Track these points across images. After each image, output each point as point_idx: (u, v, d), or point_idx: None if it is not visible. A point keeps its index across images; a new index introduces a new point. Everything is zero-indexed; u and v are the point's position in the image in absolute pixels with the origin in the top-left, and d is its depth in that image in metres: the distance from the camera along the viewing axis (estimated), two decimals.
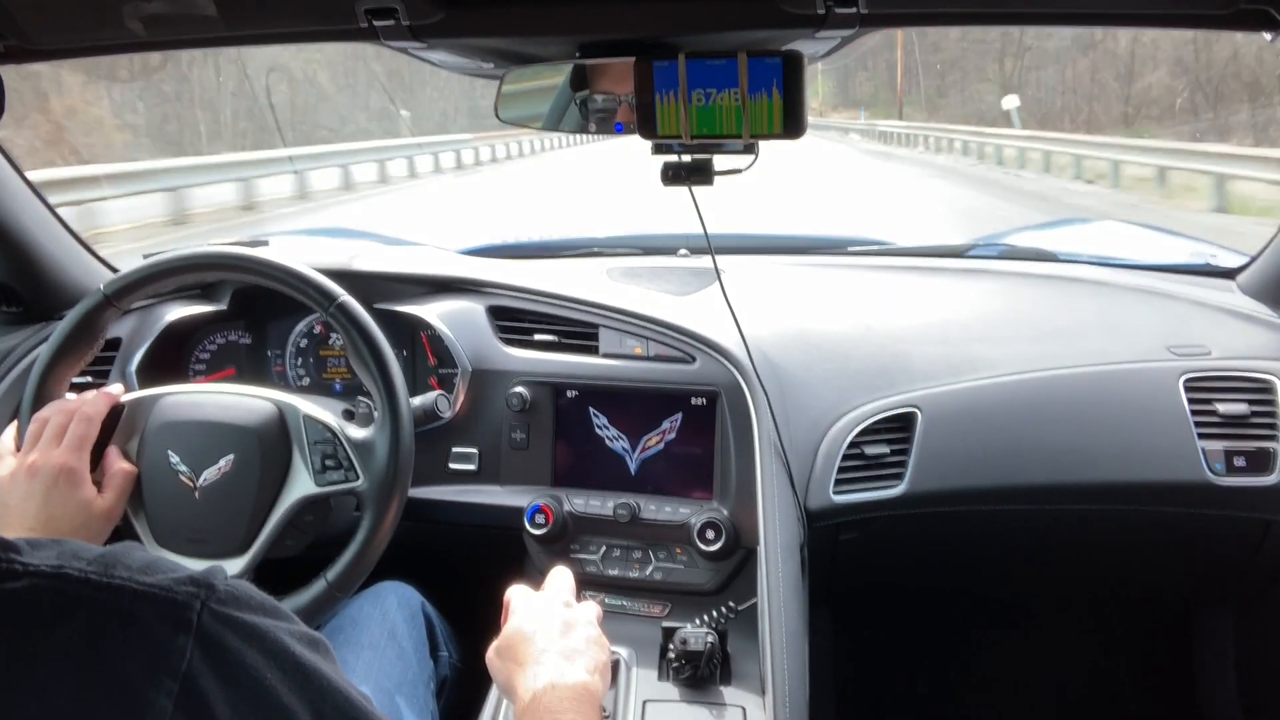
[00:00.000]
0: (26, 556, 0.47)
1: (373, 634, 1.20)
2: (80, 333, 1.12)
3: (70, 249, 1.51)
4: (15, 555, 0.47)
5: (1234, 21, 0.88)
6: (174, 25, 0.97)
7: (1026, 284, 1.67)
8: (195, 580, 0.50)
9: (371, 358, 1.10)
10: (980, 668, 1.85)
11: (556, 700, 0.79)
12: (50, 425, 1.03)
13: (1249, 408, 1.32)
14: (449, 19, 0.90)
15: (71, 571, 0.47)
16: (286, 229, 6.95)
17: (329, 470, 1.09)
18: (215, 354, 1.51)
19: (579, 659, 0.85)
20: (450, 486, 1.37)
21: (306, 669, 0.51)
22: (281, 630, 0.51)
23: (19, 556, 0.47)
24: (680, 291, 1.49)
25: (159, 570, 0.49)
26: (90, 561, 0.48)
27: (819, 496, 1.29)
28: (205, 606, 0.49)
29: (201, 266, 1.16)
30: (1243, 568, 1.45)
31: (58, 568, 0.47)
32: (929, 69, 27.74)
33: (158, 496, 1.07)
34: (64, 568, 0.47)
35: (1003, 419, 1.35)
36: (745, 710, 1.03)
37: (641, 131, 0.96)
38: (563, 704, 0.79)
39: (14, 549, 0.47)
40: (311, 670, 0.51)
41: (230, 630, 0.49)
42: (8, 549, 0.47)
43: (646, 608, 1.27)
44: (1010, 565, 1.58)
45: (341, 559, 1.07)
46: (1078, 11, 1.00)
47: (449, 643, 1.35)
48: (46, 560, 0.47)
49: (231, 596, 0.50)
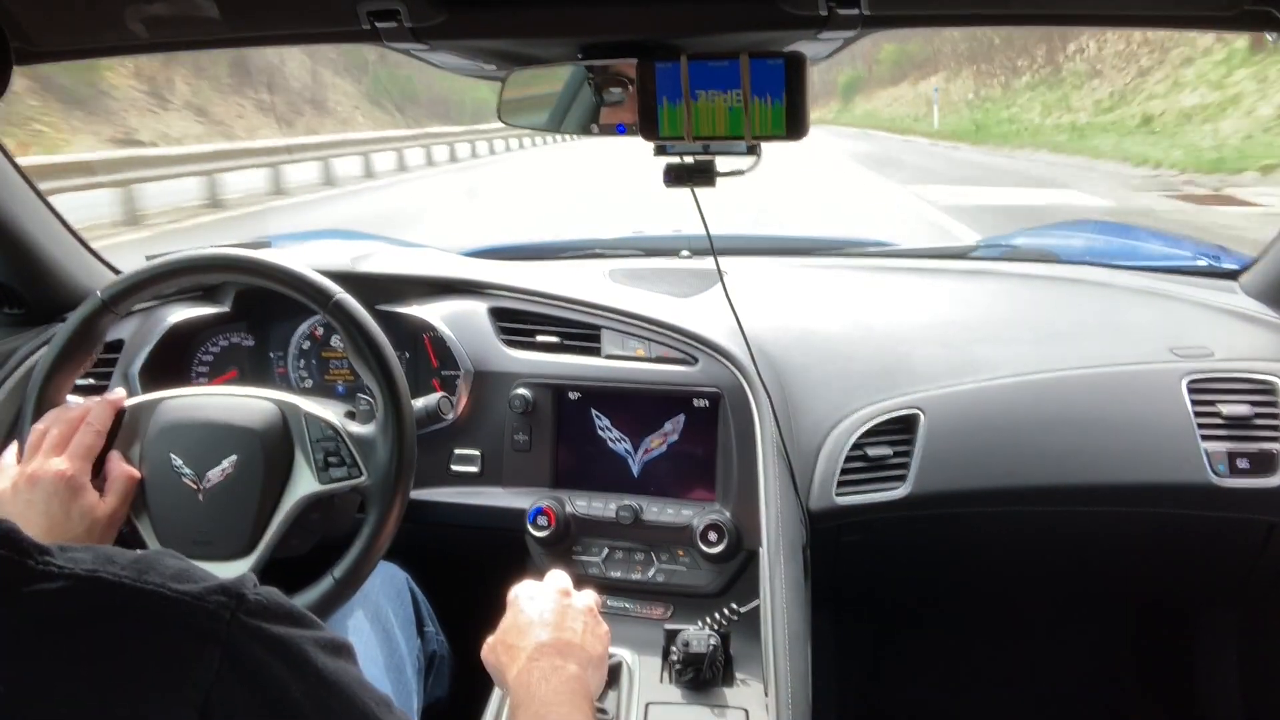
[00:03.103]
0: (61, 560, 0.48)
1: (358, 618, 1.21)
2: (79, 339, 1.12)
3: (72, 250, 1.51)
4: (50, 558, 0.47)
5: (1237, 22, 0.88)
6: (176, 27, 0.97)
7: (1029, 285, 1.67)
8: (226, 590, 0.50)
9: (371, 353, 1.10)
10: (983, 670, 1.84)
11: (551, 693, 0.79)
12: (50, 435, 1.03)
13: (1252, 409, 1.32)
14: (451, 21, 0.90)
15: (106, 576, 0.48)
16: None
17: (332, 468, 1.09)
18: (218, 356, 1.51)
19: (573, 651, 0.85)
20: (452, 488, 1.37)
21: (330, 681, 0.51)
22: (307, 640, 0.52)
23: (54, 559, 0.47)
24: (682, 293, 1.49)
25: (191, 578, 0.50)
26: (124, 566, 0.49)
27: (821, 498, 1.29)
28: (234, 616, 0.49)
29: (199, 269, 1.16)
30: (1246, 570, 1.44)
31: (93, 571, 0.47)
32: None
33: (161, 500, 1.07)
34: (99, 571, 0.48)
35: (1005, 421, 1.35)
36: (748, 712, 1.03)
37: (644, 133, 0.96)
38: (557, 696, 0.79)
39: (48, 552, 0.48)
40: (334, 682, 0.52)
41: (257, 642, 0.49)
42: (43, 552, 0.47)
43: (649, 610, 1.27)
44: (1013, 567, 1.58)
45: (348, 555, 1.07)
46: (1079, 12, 1.00)
47: (434, 619, 1.36)
48: (82, 564, 0.48)
49: (260, 607, 0.51)
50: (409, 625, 1.30)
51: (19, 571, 0.46)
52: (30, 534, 0.47)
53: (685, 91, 0.93)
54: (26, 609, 0.46)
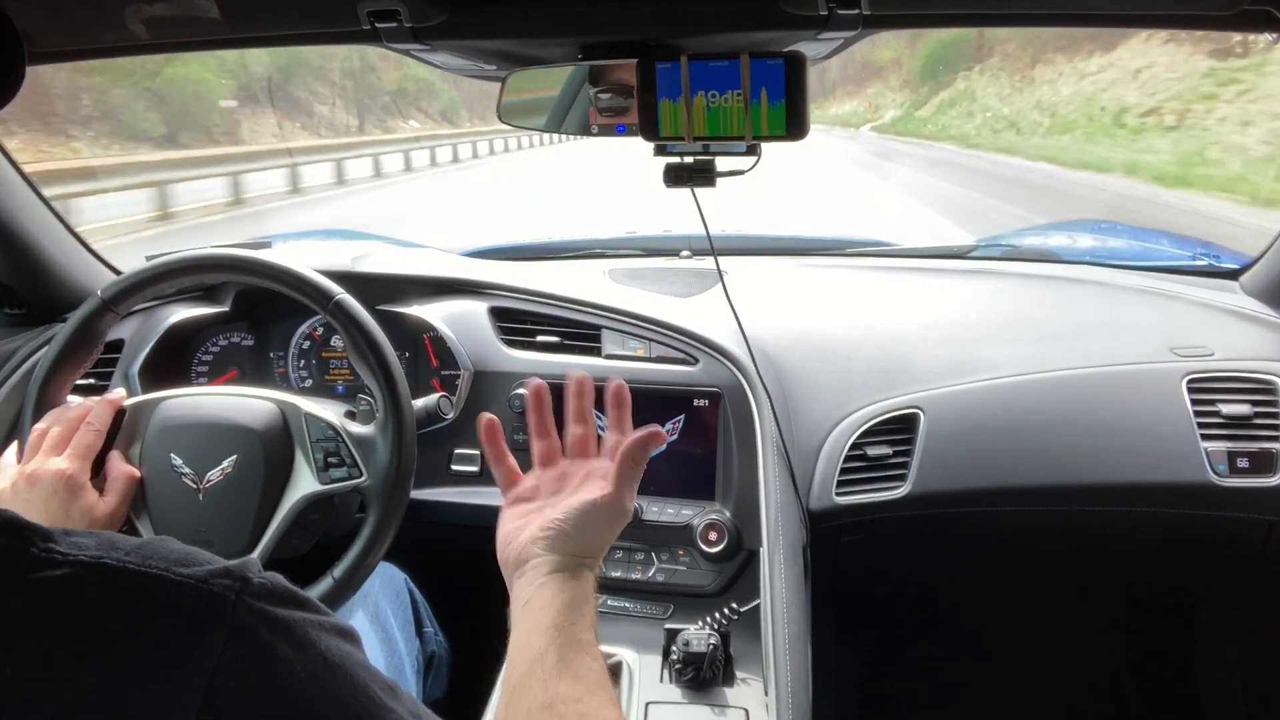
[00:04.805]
0: (65, 546, 0.47)
1: (357, 618, 1.21)
2: (79, 339, 1.12)
3: (72, 250, 1.51)
4: (53, 545, 0.47)
5: (1236, 22, 0.88)
6: (177, 27, 0.97)
7: (1029, 285, 1.67)
8: (230, 573, 0.50)
9: (371, 352, 1.10)
10: (983, 669, 1.84)
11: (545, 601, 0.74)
12: (50, 435, 1.03)
13: (1252, 409, 1.32)
14: (451, 21, 0.90)
15: (110, 561, 0.48)
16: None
17: (332, 468, 1.09)
18: (218, 356, 1.51)
19: (569, 540, 0.79)
20: (452, 488, 1.37)
21: (334, 664, 0.51)
22: (312, 624, 0.52)
23: (57, 546, 0.47)
24: (683, 293, 1.49)
25: (195, 561, 0.50)
26: (128, 552, 0.48)
27: (822, 498, 1.29)
28: (239, 599, 0.49)
29: (198, 268, 1.16)
30: (1246, 569, 1.44)
31: (97, 557, 0.47)
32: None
33: (161, 499, 1.07)
34: (103, 557, 0.48)
35: (1005, 420, 1.35)
36: (748, 712, 1.03)
37: (644, 133, 0.96)
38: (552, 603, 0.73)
39: (51, 538, 0.48)
40: (339, 665, 0.51)
41: (262, 624, 0.49)
42: (46, 539, 0.47)
43: (649, 609, 1.27)
44: (1013, 567, 1.58)
45: (348, 555, 1.07)
46: (1079, 12, 1.00)
47: (434, 619, 1.36)
48: (86, 550, 0.48)
49: (265, 590, 0.51)
50: (408, 625, 1.30)
51: (22, 558, 0.46)
52: None
53: (685, 91, 0.93)
54: (30, 595, 0.46)
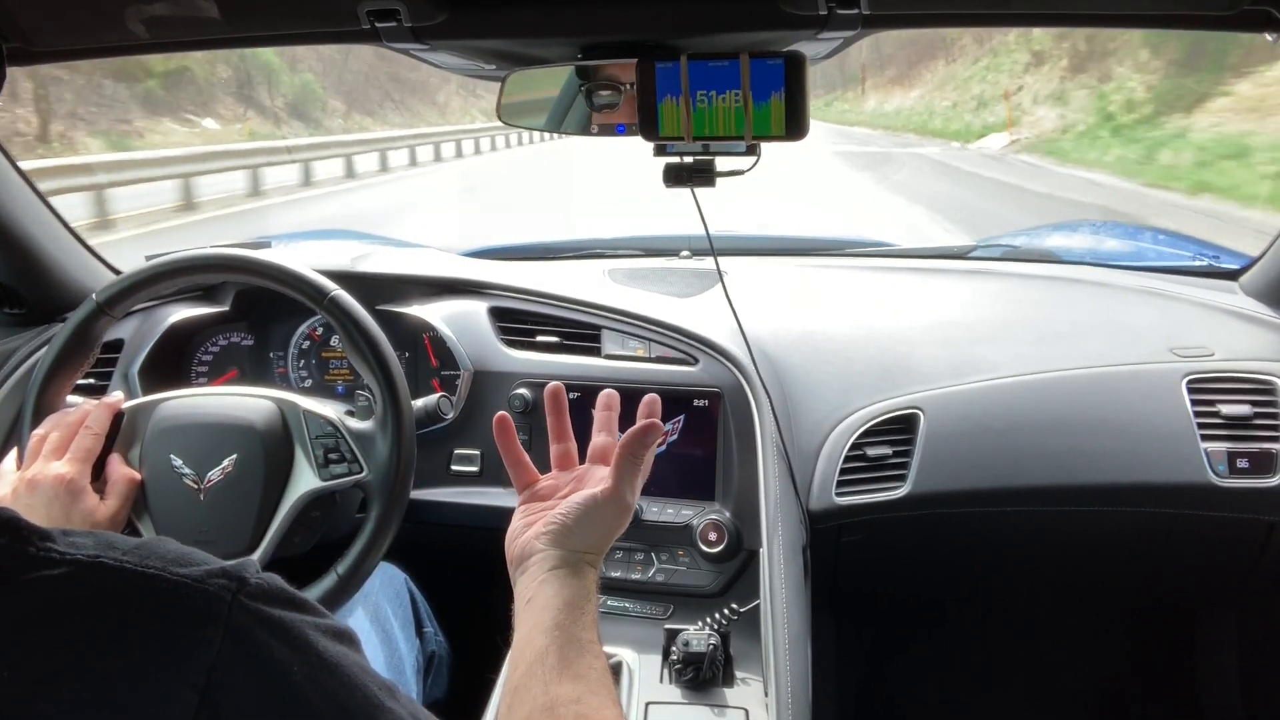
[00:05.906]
0: (63, 545, 0.48)
1: (357, 618, 1.21)
2: (76, 343, 1.12)
3: (71, 250, 1.51)
4: (52, 544, 0.47)
5: (1236, 22, 0.88)
6: (176, 27, 0.97)
7: (1029, 285, 1.67)
8: (227, 573, 0.50)
9: (368, 348, 1.10)
10: (983, 669, 1.84)
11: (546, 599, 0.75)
12: (49, 440, 1.03)
13: (1252, 409, 1.32)
14: (451, 21, 0.90)
15: (108, 561, 0.48)
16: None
17: (332, 464, 1.09)
18: (218, 356, 1.51)
19: (566, 540, 0.79)
20: (452, 488, 1.37)
21: (331, 664, 0.51)
22: (308, 625, 0.52)
23: (55, 545, 0.47)
24: (683, 293, 1.49)
25: (192, 561, 0.50)
26: (126, 551, 0.49)
27: (821, 498, 1.29)
28: (235, 599, 0.49)
29: (195, 269, 1.16)
30: (1246, 570, 1.44)
31: (94, 557, 0.48)
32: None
33: (162, 500, 1.07)
34: (100, 557, 0.48)
35: (1005, 421, 1.35)
36: (748, 712, 1.03)
37: (643, 133, 0.96)
38: (552, 601, 0.74)
39: (49, 537, 0.48)
40: (336, 665, 0.51)
41: (258, 625, 0.49)
42: (45, 538, 0.48)
43: (649, 610, 1.27)
44: (1013, 567, 1.58)
45: (350, 551, 1.07)
46: (1079, 12, 1.00)
47: (434, 619, 1.36)
48: (83, 549, 0.48)
49: (261, 590, 0.51)
50: (408, 625, 1.30)
51: (20, 558, 0.46)
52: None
53: (685, 91, 0.93)
54: (28, 595, 0.46)
